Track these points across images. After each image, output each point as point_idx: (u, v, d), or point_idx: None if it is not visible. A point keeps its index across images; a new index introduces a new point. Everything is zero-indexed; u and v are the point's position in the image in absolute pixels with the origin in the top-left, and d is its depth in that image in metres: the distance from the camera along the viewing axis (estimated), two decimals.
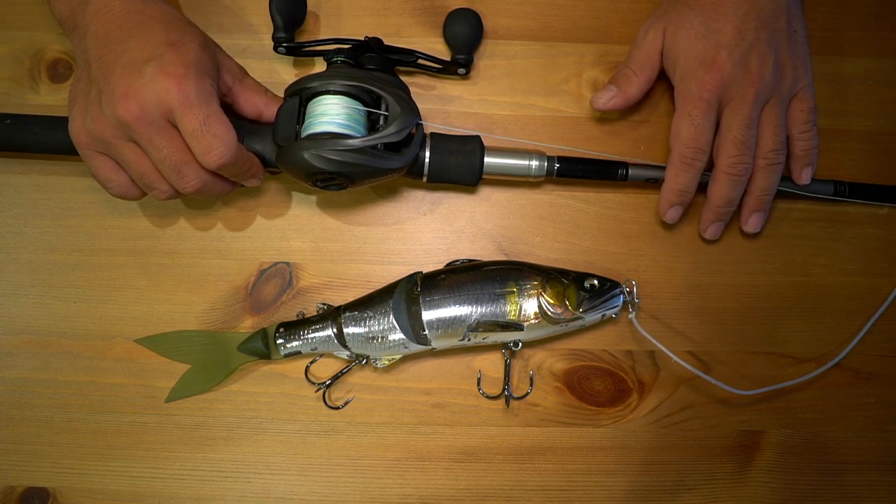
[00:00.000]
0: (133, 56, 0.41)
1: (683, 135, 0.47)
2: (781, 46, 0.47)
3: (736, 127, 0.47)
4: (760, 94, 0.47)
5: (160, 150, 0.42)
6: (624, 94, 0.50)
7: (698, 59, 0.47)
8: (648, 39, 0.50)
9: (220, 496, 0.51)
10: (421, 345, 0.48)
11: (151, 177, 0.44)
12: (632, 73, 0.50)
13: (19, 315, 0.51)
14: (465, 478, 0.51)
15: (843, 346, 0.53)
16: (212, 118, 0.41)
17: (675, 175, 0.49)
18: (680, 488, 0.52)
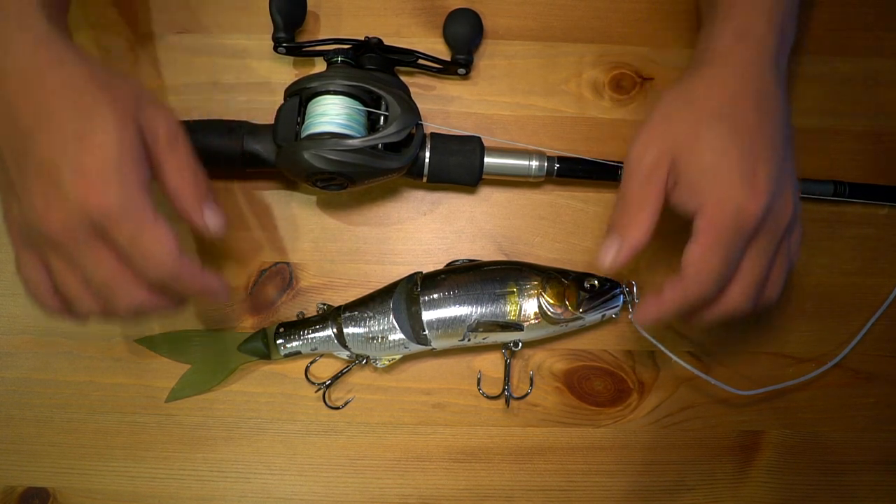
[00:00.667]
0: (43, 155, 0.35)
1: (710, 270, 0.38)
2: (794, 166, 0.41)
3: (762, 260, 0.39)
4: (792, 221, 0.39)
5: (86, 267, 0.36)
6: (631, 245, 0.40)
7: (736, 178, 0.37)
8: (647, 164, 0.40)
9: (220, 496, 0.51)
10: (421, 345, 0.48)
11: (75, 291, 0.37)
12: (634, 213, 0.40)
13: (19, 315, 0.51)
14: (465, 478, 0.51)
15: (843, 346, 0.53)
16: (143, 232, 0.35)
17: (676, 309, 0.40)
18: (680, 488, 0.52)
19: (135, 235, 0.35)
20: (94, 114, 0.35)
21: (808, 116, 0.54)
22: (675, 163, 0.39)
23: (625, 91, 0.54)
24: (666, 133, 0.40)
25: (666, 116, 0.40)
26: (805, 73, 0.55)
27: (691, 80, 0.41)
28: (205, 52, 0.53)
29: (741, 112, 0.39)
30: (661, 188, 0.40)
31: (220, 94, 0.52)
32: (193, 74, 0.53)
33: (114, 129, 0.35)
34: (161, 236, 0.36)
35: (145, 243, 0.35)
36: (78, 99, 0.35)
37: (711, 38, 0.42)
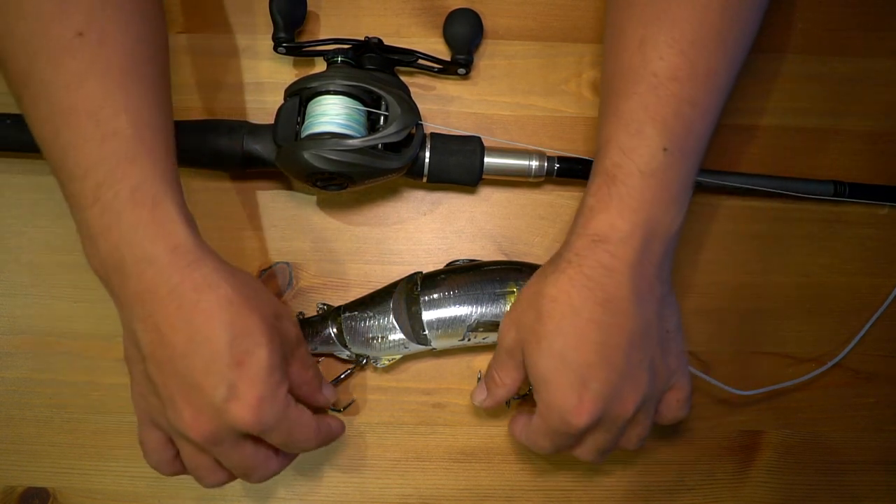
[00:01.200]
0: (197, 380, 0.36)
1: (542, 447, 0.43)
2: (655, 357, 0.41)
3: (597, 449, 0.42)
4: (630, 414, 0.40)
5: (231, 460, 0.39)
6: (494, 398, 0.45)
7: (562, 393, 0.39)
8: (507, 342, 0.43)
9: (219, 496, 0.51)
10: (421, 345, 0.48)
11: (208, 471, 0.41)
12: (498, 378, 0.44)
13: (19, 315, 0.51)
14: (465, 478, 0.51)
15: (843, 346, 0.53)
16: (294, 431, 0.39)
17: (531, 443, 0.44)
18: (680, 488, 0.52)
19: (287, 436, 0.39)
20: (249, 339, 0.37)
21: (808, 116, 0.54)
22: (524, 354, 0.42)
23: None
24: (519, 325, 0.42)
25: (523, 308, 0.42)
26: (805, 73, 0.55)
27: (546, 278, 0.41)
28: (205, 52, 0.53)
29: (580, 329, 0.39)
30: (519, 365, 0.43)
31: (220, 94, 0.52)
32: (193, 74, 0.53)
33: (267, 354, 0.37)
34: (306, 426, 0.40)
35: (296, 437, 0.39)
36: (233, 322, 0.37)
37: (573, 234, 0.41)
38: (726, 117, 0.44)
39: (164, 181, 0.38)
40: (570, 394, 0.39)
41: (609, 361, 0.39)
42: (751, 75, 0.54)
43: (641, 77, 0.40)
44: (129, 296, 0.37)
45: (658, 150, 0.40)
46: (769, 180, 0.51)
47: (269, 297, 0.41)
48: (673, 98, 0.40)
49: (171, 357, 0.37)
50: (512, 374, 0.43)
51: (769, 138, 0.54)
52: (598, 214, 0.40)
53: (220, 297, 0.37)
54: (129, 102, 0.38)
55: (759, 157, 0.54)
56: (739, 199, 0.53)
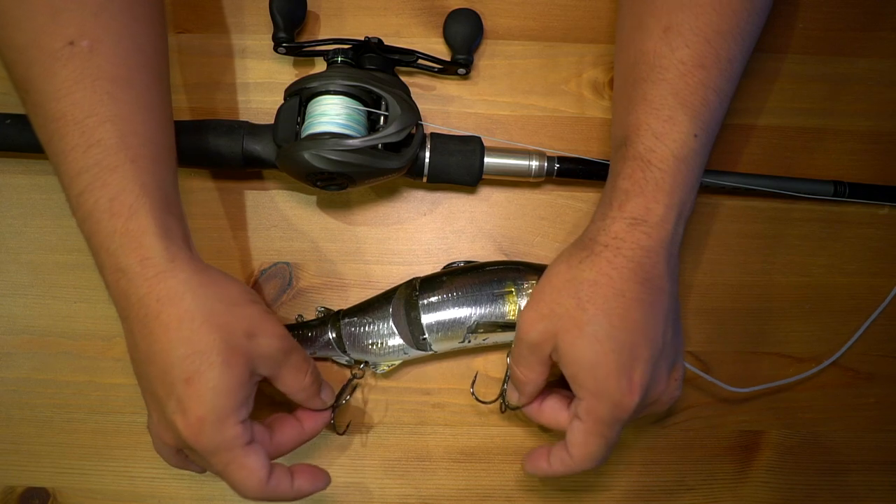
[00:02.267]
0: (154, 387, 0.38)
1: (591, 453, 0.41)
2: (678, 338, 0.43)
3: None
4: (658, 398, 0.42)
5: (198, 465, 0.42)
6: (528, 396, 0.44)
7: (614, 376, 0.39)
8: (532, 338, 0.42)
9: (219, 496, 0.50)
10: (420, 350, 0.48)
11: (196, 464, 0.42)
12: (522, 375, 0.44)
13: (19, 315, 0.51)
14: (465, 478, 0.51)
15: (843, 345, 0.53)
16: (231, 465, 0.38)
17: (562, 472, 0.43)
18: (680, 488, 0.52)
19: (225, 469, 0.38)
20: (203, 358, 0.37)
21: (808, 116, 0.54)
22: (558, 347, 0.41)
23: None
24: (551, 315, 0.41)
25: (553, 297, 0.41)
26: (805, 73, 0.55)
27: (581, 263, 0.41)
28: (205, 52, 0.53)
29: (625, 309, 0.40)
30: (545, 359, 0.42)
31: (220, 94, 0.52)
32: (193, 74, 0.53)
33: (217, 376, 0.37)
34: (249, 471, 0.38)
35: (234, 476, 0.38)
36: (189, 339, 0.37)
37: (606, 219, 0.42)
38: (726, 117, 0.44)
39: (144, 190, 0.38)
40: (621, 376, 0.39)
41: (651, 339, 0.40)
42: (751, 75, 0.54)
43: (669, 64, 0.41)
44: (112, 297, 0.39)
45: (690, 135, 0.41)
46: (769, 180, 0.51)
47: (246, 314, 0.39)
48: (700, 85, 0.41)
49: (139, 360, 0.39)
50: (537, 368, 0.43)
51: (769, 138, 0.54)
52: (633, 198, 0.41)
53: (181, 312, 0.37)
54: (118, 111, 0.38)
55: (759, 157, 0.54)
56: (739, 199, 0.53)
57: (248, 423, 0.39)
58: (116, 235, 0.37)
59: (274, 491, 0.40)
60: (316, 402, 0.44)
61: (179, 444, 0.39)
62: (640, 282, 0.40)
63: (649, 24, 0.43)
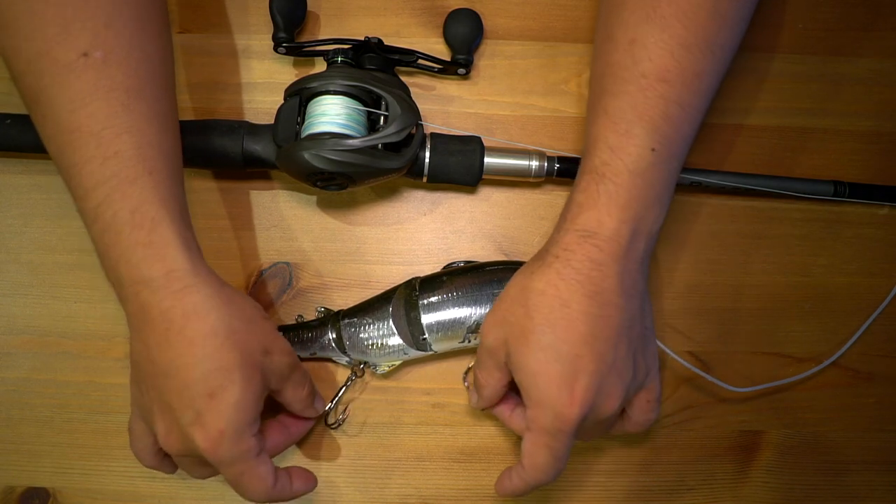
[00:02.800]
0: (171, 400, 0.38)
1: (541, 464, 0.41)
2: (637, 351, 0.42)
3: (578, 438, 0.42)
4: (617, 407, 0.41)
5: (200, 474, 0.43)
6: (484, 399, 0.45)
7: (554, 385, 0.39)
8: (490, 342, 0.43)
9: (219, 496, 0.50)
10: (420, 351, 0.48)
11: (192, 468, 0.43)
12: (482, 379, 0.44)
13: (19, 315, 0.51)
14: (465, 478, 0.51)
15: (843, 346, 0.53)
16: (245, 475, 0.39)
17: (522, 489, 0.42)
18: (680, 488, 0.52)
19: (237, 477, 0.39)
20: (225, 374, 0.38)
21: (808, 116, 0.54)
22: (509, 354, 0.41)
23: None
24: (504, 322, 0.42)
25: (507, 305, 0.42)
26: (805, 73, 0.55)
27: (533, 273, 0.41)
28: (205, 52, 0.53)
29: (570, 320, 0.39)
30: (501, 365, 0.43)
31: (221, 94, 0.53)
32: (194, 74, 0.53)
33: (239, 392, 0.38)
34: (261, 479, 0.40)
35: (246, 484, 0.39)
36: (213, 355, 0.37)
37: (560, 231, 0.42)
38: (726, 117, 0.44)
39: (163, 203, 0.38)
40: (562, 386, 0.39)
41: (598, 353, 0.39)
42: (750, 75, 0.54)
43: (631, 77, 0.41)
44: (127, 309, 0.39)
45: (646, 149, 0.40)
46: (769, 180, 0.51)
47: (261, 330, 0.40)
48: (661, 99, 0.40)
49: (154, 373, 0.38)
50: (494, 373, 0.43)
51: (769, 138, 0.54)
52: (586, 211, 0.41)
53: (206, 328, 0.37)
54: (133, 122, 0.38)
55: (758, 157, 0.54)
56: (739, 199, 0.53)
57: (259, 435, 0.40)
58: (139, 247, 0.37)
59: (279, 494, 0.41)
60: (311, 412, 0.47)
61: (188, 453, 0.39)
62: (588, 294, 0.40)
63: (617, 37, 0.42)
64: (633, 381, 0.41)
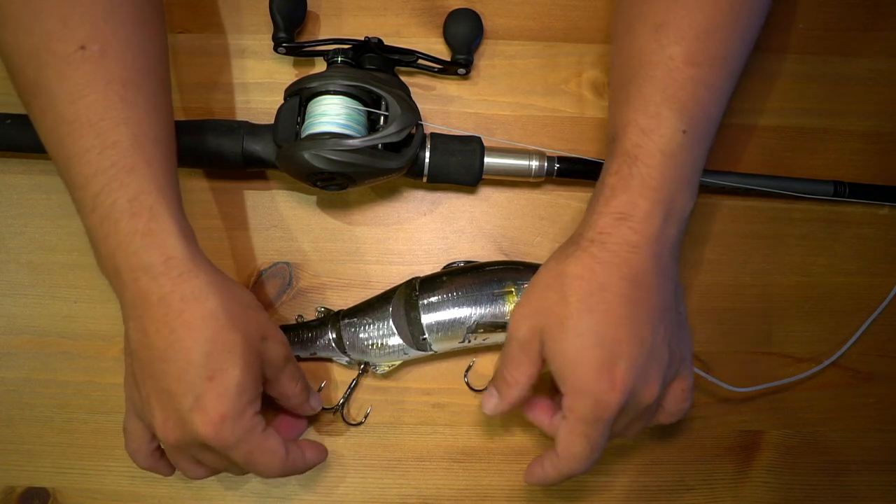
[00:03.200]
0: (170, 386, 0.38)
1: (577, 453, 0.39)
2: (672, 338, 0.41)
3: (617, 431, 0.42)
4: (654, 398, 0.40)
5: (203, 461, 0.41)
6: (507, 401, 0.42)
7: (594, 372, 0.38)
8: (522, 334, 0.41)
9: (219, 496, 0.50)
10: (420, 351, 0.48)
11: (188, 466, 0.42)
12: (509, 377, 0.42)
13: (19, 315, 0.51)
14: (465, 478, 0.51)
15: (843, 346, 0.53)
16: (255, 453, 0.39)
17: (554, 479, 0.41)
18: (680, 488, 0.52)
19: (248, 457, 0.39)
20: (226, 357, 0.38)
21: (808, 116, 0.54)
22: (544, 343, 0.40)
23: None
24: (538, 311, 0.41)
25: (541, 292, 0.42)
26: (805, 73, 0.55)
27: (567, 259, 0.41)
28: (205, 52, 0.53)
29: (609, 304, 0.39)
30: (535, 358, 0.41)
31: (220, 94, 0.52)
32: (193, 74, 0.53)
33: (240, 373, 0.38)
34: (272, 453, 0.40)
35: (259, 461, 0.39)
36: (212, 337, 0.38)
37: (594, 214, 0.41)
38: (726, 117, 0.44)
39: (161, 192, 0.39)
40: (602, 372, 0.38)
41: (637, 337, 0.39)
42: (751, 75, 0.54)
43: (659, 61, 0.41)
44: (125, 297, 0.39)
45: (677, 131, 0.41)
46: (769, 180, 0.51)
47: (258, 318, 0.41)
48: (690, 82, 0.41)
49: (152, 359, 0.38)
50: (527, 370, 0.42)
51: (769, 138, 0.54)
52: (619, 194, 0.41)
53: (205, 311, 0.38)
54: (130, 113, 0.39)
55: (759, 157, 0.54)
56: (739, 199, 0.53)
57: (261, 415, 0.40)
58: (138, 235, 0.38)
59: (293, 465, 0.42)
60: (306, 408, 0.46)
61: (188, 441, 0.39)
62: (625, 277, 0.39)
63: (642, 22, 0.43)
64: (670, 369, 0.41)
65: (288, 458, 0.41)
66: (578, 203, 0.53)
